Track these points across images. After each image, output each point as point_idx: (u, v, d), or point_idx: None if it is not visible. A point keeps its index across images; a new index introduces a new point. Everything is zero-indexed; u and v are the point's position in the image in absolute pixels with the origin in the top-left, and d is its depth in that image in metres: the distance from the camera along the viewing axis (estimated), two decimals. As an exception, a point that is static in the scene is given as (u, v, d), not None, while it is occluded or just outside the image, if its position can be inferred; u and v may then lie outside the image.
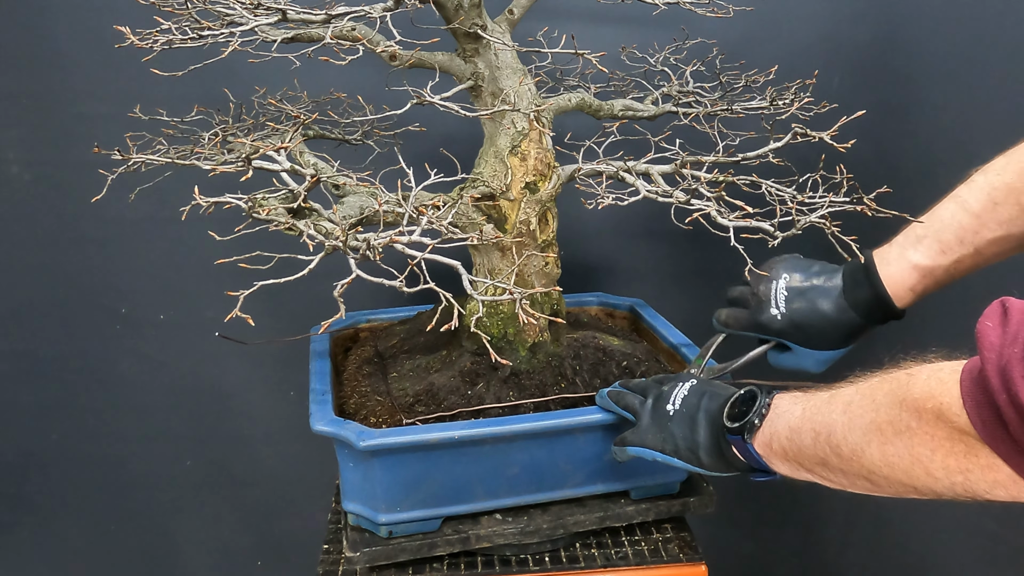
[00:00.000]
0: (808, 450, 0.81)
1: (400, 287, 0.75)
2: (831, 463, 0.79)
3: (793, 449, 0.83)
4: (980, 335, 0.64)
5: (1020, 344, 0.60)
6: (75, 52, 1.50)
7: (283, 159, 0.83)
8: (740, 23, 1.26)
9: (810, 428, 0.81)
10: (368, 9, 0.92)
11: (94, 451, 1.76)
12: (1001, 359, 0.61)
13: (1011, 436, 0.61)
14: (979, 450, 0.65)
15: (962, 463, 0.67)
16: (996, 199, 1.02)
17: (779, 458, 0.86)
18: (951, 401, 0.66)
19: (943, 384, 0.67)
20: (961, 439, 0.66)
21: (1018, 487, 0.65)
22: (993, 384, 0.61)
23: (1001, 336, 0.63)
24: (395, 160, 0.92)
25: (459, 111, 0.93)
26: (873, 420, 0.73)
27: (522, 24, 1.16)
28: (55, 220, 1.60)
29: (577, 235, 1.60)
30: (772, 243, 0.94)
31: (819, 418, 0.81)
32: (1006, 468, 0.64)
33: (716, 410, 0.94)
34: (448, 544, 1.05)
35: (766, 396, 0.89)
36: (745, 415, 0.89)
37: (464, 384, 1.10)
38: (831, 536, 1.93)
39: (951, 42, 1.55)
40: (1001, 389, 0.61)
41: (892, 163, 1.60)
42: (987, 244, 1.03)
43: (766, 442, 0.87)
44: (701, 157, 1.07)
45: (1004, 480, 0.65)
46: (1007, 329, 0.63)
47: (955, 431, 0.66)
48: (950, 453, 0.67)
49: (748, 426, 0.88)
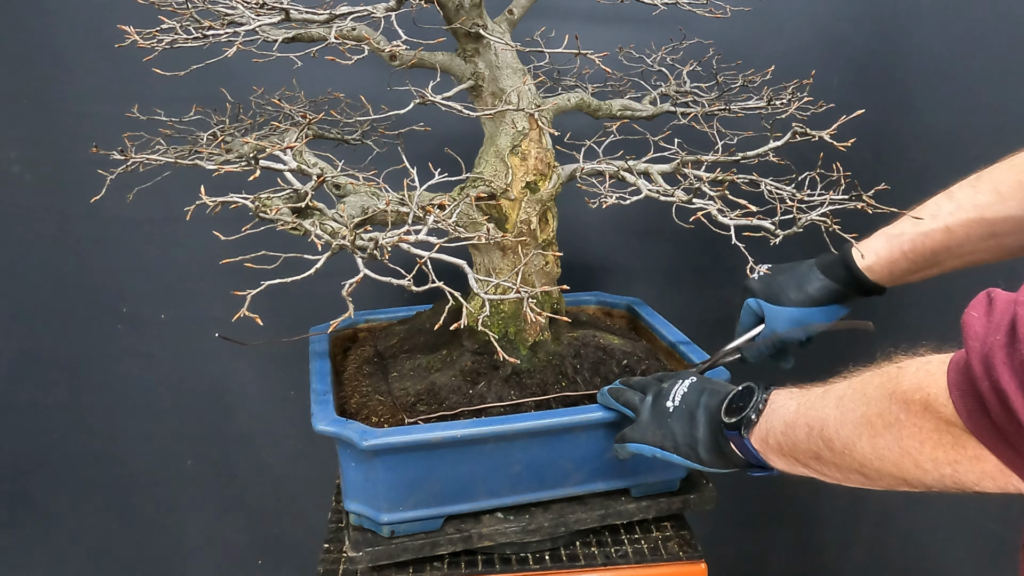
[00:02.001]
0: (802, 444, 0.82)
1: (408, 286, 0.75)
2: (824, 457, 0.80)
3: (788, 444, 0.84)
4: (965, 325, 0.65)
5: (1003, 332, 0.61)
6: (75, 52, 1.50)
7: (289, 159, 0.83)
8: (739, 23, 1.26)
9: (804, 423, 0.82)
10: (371, 9, 0.92)
11: (95, 450, 1.76)
12: (984, 347, 0.62)
13: (995, 424, 0.62)
14: (966, 441, 0.65)
15: (950, 455, 0.67)
16: (976, 186, 1.04)
17: (775, 453, 0.87)
18: (938, 392, 0.66)
19: (931, 376, 0.68)
20: (948, 430, 0.66)
21: (1006, 477, 0.65)
22: (976, 372, 0.62)
23: (986, 325, 0.63)
24: (393, 160, 0.92)
25: (461, 111, 0.93)
26: (864, 414, 0.74)
27: (520, 24, 1.17)
28: (56, 220, 1.60)
29: (574, 234, 1.61)
30: (773, 241, 0.94)
31: (813, 413, 0.81)
32: (993, 458, 0.64)
33: (715, 406, 0.94)
34: (450, 543, 1.06)
35: (763, 392, 0.90)
36: (742, 411, 0.89)
37: (465, 383, 1.11)
38: (831, 535, 1.94)
39: (951, 42, 1.55)
40: (984, 376, 0.61)
41: (891, 162, 1.61)
42: (960, 224, 1.04)
43: (762, 437, 0.87)
44: (700, 156, 1.07)
45: (992, 471, 0.65)
46: (991, 318, 0.63)
47: (942, 423, 0.67)
48: (938, 445, 0.68)
49: (745, 421, 0.89)
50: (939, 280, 1.12)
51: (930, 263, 1.09)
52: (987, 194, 1.04)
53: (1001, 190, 1.03)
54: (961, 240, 1.05)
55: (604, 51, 1.08)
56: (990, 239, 1.04)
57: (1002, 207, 1.03)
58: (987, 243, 1.05)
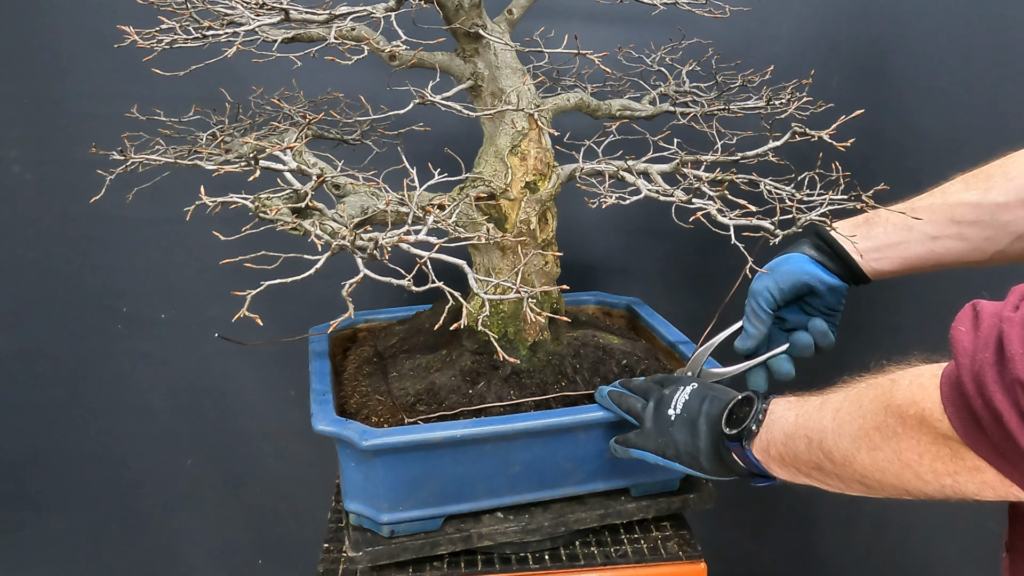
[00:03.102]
0: (803, 455, 0.82)
1: (408, 286, 0.75)
2: (825, 468, 0.80)
3: (789, 455, 0.84)
4: (954, 340, 0.65)
5: (991, 349, 0.61)
6: (75, 52, 1.50)
7: (290, 159, 0.83)
8: (739, 23, 1.26)
9: (803, 434, 0.82)
10: (371, 9, 0.92)
11: (95, 450, 1.76)
12: (974, 364, 0.62)
13: (990, 440, 0.62)
14: (964, 454, 0.66)
15: (949, 467, 0.67)
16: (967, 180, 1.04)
17: (777, 463, 0.87)
18: (932, 407, 0.66)
19: (924, 390, 0.68)
20: (946, 443, 0.67)
21: (1006, 487, 0.65)
22: (968, 390, 0.62)
23: (973, 340, 0.63)
24: (392, 160, 0.92)
25: (461, 111, 0.93)
26: (861, 427, 0.74)
27: (520, 24, 1.17)
28: (56, 220, 1.60)
29: (574, 234, 1.61)
30: (773, 241, 0.94)
31: (811, 424, 0.81)
32: (991, 470, 0.64)
33: (716, 416, 0.94)
34: (450, 543, 1.06)
35: (762, 402, 0.90)
36: (743, 421, 0.89)
37: (465, 383, 1.11)
38: (831, 535, 1.94)
39: (950, 42, 1.55)
40: (976, 395, 0.61)
41: (890, 162, 1.61)
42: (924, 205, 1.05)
43: (764, 448, 0.88)
44: (700, 156, 1.07)
45: (991, 481, 0.66)
46: (979, 334, 0.63)
47: (939, 436, 0.67)
48: (937, 457, 0.68)
49: (746, 433, 0.89)
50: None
51: (895, 241, 1.07)
52: (956, 183, 1.05)
53: (968, 180, 1.04)
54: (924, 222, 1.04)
55: (603, 51, 1.08)
56: (951, 226, 1.04)
57: (966, 194, 1.03)
58: (948, 230, 1.04)
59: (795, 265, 1.10)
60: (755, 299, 1.11)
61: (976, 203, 1.02)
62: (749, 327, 1.12)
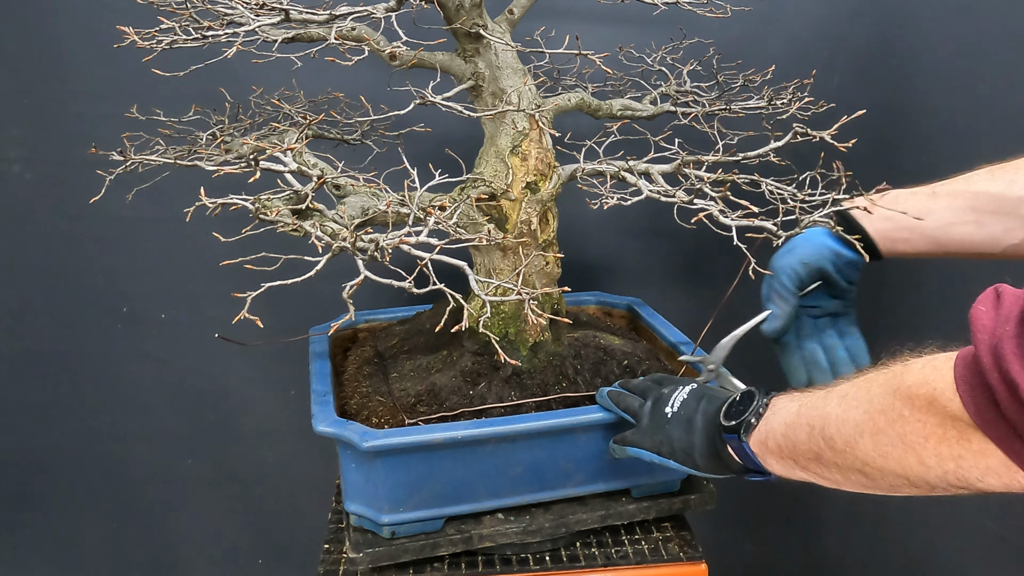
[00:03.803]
0: (803, 445, 0.82)
1: (409, 288, 0.75)
2: (825, 457, 0.79)
3: (788, 445, 0.84)
4: (973, 319, 0.65)
5: (1012, 323, 0.61)
6: (75, 52, 1.50)
7: (289, 160, 0.83)
8: (739, 23, 1.26)
9: (805, 422, 0.82)
10: (371, 9, 0.92)
11: (95, 450, 1.76)
12: (993, 338, 0.62)
13: (1004, 417, 0.62)
14: (972, 435, 0.65)
15: (954, 449, 0.67)
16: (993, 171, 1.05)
17: (774, 456, 0.87)
18: (944, 387, 0.66)
19: (936, 371, 0.68)
20: (954, 425, 0.66)
21: (1011, 474, 0.65)
22: (985, 363, 0.62)
23: (994, 318, 0.63)
24: (393, 160, 0.92)
25: (461, 111, 0.93)
26: (867, 411, 0.74)
27: (520, 24, 1.17)
28: (56, 219, 1.60)
29: (575, 235, 1.61)
30: (776, 242, 0.94)
31: (814, 412, 0.81)
32: (999, 453, 0.64)
33: (713, 412, 0.95)
34: (451, 544, 1.06)
35: (764, 396, 0.90)
36: (742, 414, 0.89)
37: (466, 384, 1.10)
38: (832, 535, 1.94)
39: (952, 42, 1.55)
40: (993, 367, 0.61)
41: (891, 162, 1.60)
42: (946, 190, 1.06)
43: (762, 440, 0.87)
44: (701, 157, 1.07)
45: (997, 466, 0.65)
46: (1000, 311, 0.63)
47: (947, 418, 0.67)
48: (942, 440, 0.68)
49: (745, 425, 0.89)
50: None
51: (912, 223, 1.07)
52: (982, 173, 1.06)
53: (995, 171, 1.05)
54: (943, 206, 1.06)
55: (604, 51, 1.08)
56: (970, 213, 1.05)
57: (991, 184, 1.04)
58: (967, 216, 1.05)
59: (816, 238, 1.12)
60: (779, 277, 1.12)
61: (999, 194, 1.03)
62: (774, 308, 1.13)
